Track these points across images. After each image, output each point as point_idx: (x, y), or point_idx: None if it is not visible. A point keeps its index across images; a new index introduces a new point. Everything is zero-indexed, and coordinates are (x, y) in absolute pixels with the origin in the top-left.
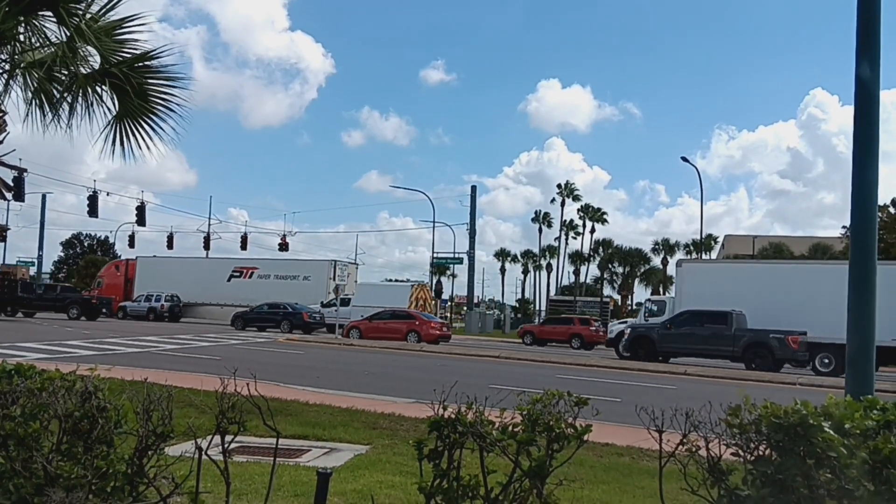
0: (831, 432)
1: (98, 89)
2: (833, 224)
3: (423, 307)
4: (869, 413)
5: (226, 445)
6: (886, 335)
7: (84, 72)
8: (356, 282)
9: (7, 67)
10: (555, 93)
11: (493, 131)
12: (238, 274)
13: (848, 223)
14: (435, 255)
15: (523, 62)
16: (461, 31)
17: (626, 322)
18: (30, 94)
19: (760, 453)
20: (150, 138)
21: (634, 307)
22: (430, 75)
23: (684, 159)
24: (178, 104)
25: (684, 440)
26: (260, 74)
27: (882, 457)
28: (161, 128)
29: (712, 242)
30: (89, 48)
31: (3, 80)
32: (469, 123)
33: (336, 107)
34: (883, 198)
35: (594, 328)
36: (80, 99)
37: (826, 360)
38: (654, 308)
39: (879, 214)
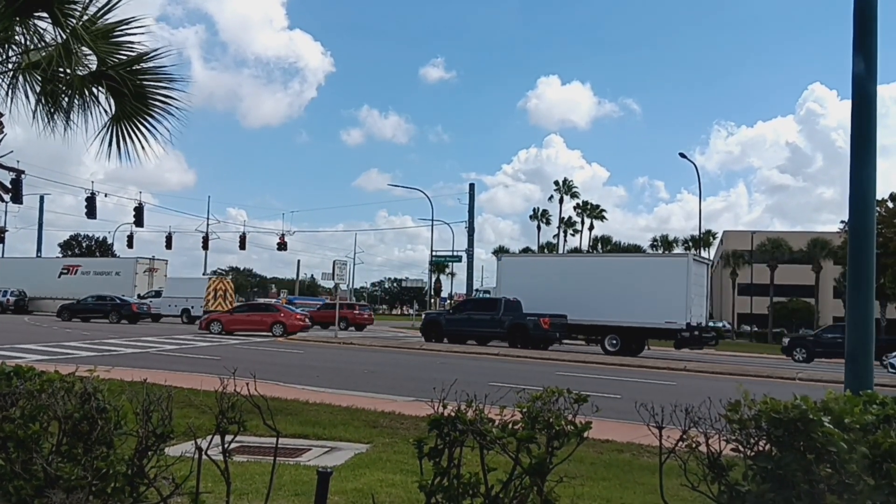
0: (831, 427)
1: (95, 91)
2: (832, 219)
3: (223, 297)
4: (868, 408)
5: (226, 445)
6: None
7: (81, 73)
8: (165, 276)
9: (4, 69)
10: (554, 89)
11: (492, 129)
12: (66, 271)
13: (846, 218)
14: (434, 253)
15: (523, 59)
16: (461, 29)
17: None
18: (28, 97)
19: (760, 449)
20: (147, 140)
21: None
22: (430, 73)
23: (682, 155)
24: (175, 105)
25: (684, 436)
26: (259, 73)
27: (882, 451)
28: (157, 130)
29: (711, 238)
30: (85, 50)
31: (1, 82)
32: (469, 121)
33: (335, 105)
34: (881, 192)
35: (358, 312)
36: (76, 101)
37: (614, 342)
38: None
39: (878, 209)
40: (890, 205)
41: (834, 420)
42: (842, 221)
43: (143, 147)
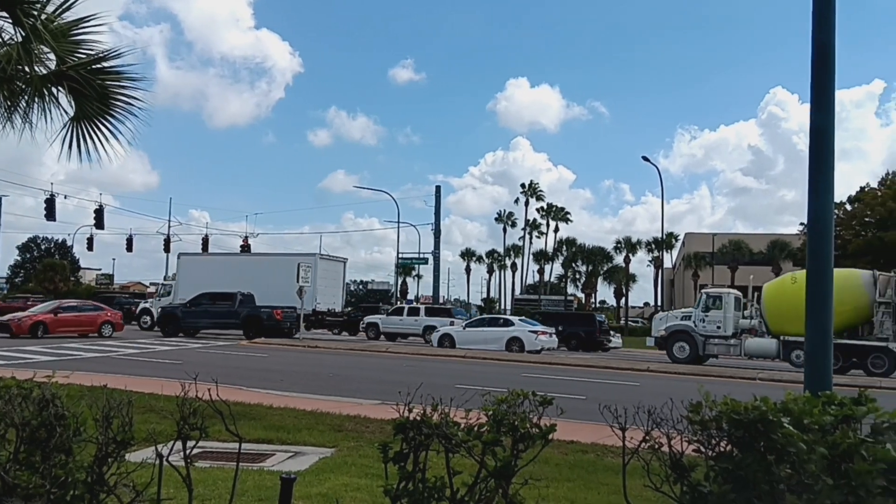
0: (791, 428)
1: (55, 91)
2: (793, 221)
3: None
4: (827, 408)
5: (188, 451)
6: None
7: (41, 73)
8: None
9: None
10: (523, 91)
11: (462, 131)
12: None
13: (806, 220)
14: (400, 255)
15: (492, 61)
16: (431, 30)
17: (148, 302)
18: None
19: (722, 449)
20: (109, 140)
21: (598, 305)
22: (400, 74)
23: (645, 158)
24: (138, 105)
25: (647, 437)
26: (225, 73)
27: (840, 451)
28: (119, 130)
29: (673, 240)
30: (45, 49)
31: None
32: (438, 123)
33: (303, 106)
34: (840, 195)
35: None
36: (36, 101)
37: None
38: (165, 291)
39: (836, 211)
40: (848, 207)
41: (793, 421)
42: (801, 223)
43: (104, 148)
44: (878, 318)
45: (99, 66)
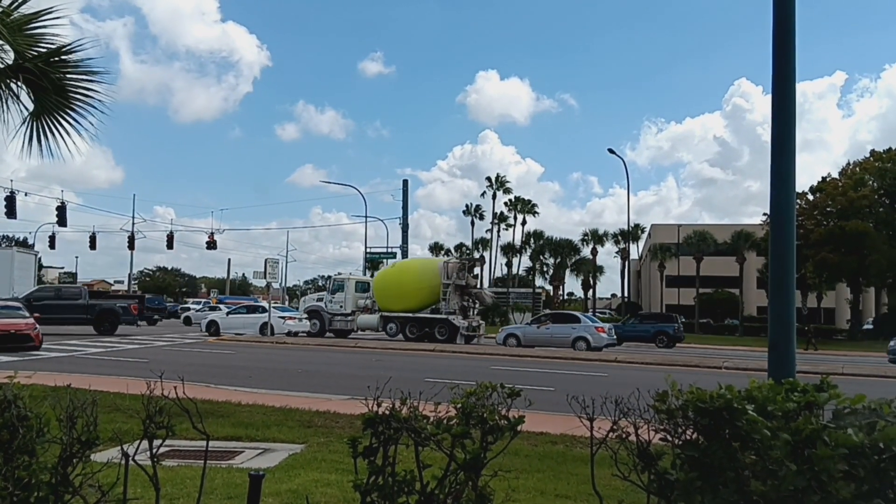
0: (755, 415)
1: (13, 85)
2: (758, 211)
3: None
4: (790, 395)
5: (154, 450)
6: None
7: None
8: None
9: None
10: (493, 84)
11: (431, 124)
12: None
13: (769, 210)
14: (368, 250)
15: (463, 53)
16: (400, 22)
17: None
18: None
19: (688, 437)
20: (70, 136)
21: (566, 297)
22: (369, 67)
23: (611, 151)
24: (99, 99)
25: (614, 427)
26: (191, 67)
27: (803, 437)
28: (80, 125)
29: (639, 232)
30: (2, 42)
31: None
32: (408, 116)
33: (270, 100)
34: (802, 185)
35: None
36: None
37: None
38: None
39: (798, 201)
40: (810, 197)
41: (757, 408)
42: (764, 214)
43: (65, 143)
44: (446, 297)
45: (57, 59)
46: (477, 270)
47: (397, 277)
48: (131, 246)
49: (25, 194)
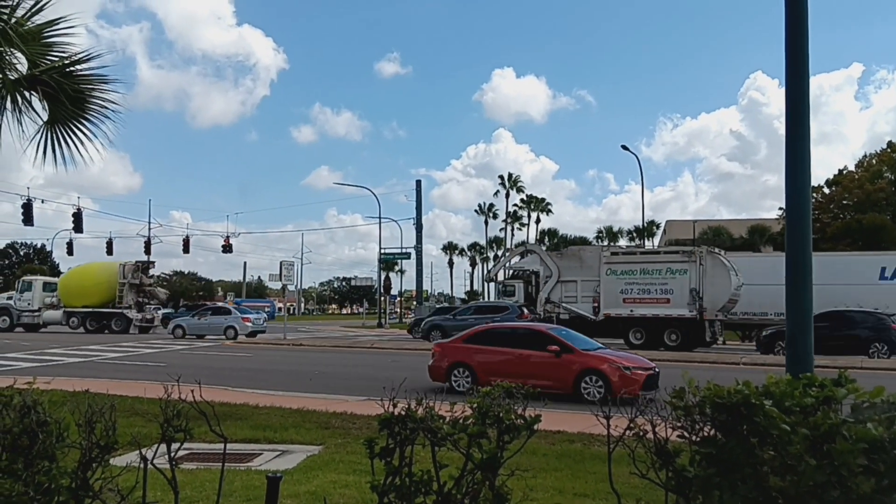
0: (773, 410)
1: (28, 95)
2: (775, 205)
3: None
4: (808, 390)
5: (172, 454)
6: None
7: (12, 77)
8: None
9: None
10: (509, 82)
11: (448, 123)
12: None
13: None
14: (382, 250)
15: (479, 51)
16: (417, 22)
17: None
18: None
19: (706, 434)
20: (85, 144)
21: None
22: (386, 68)
23: (625, 147)
24: (114, 108)
25: (632, 425)
26: (208, 71)
27: (822, 432)
28: (94, 133)
29: (654, 228)
30: (15, 52)
31: None
32: (424, 116)
33: (287, 102)
34: (818, 178)
35: None
36: (10, 105)
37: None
38: None
39: (814, 195)
40: (826, 190)
41: (775, 403)
42: (780, 208)
43: (80, 151)
44: (122, 294)
45: (72, 68)
46: (152, 271)
47: (79, 278)
48: (147, 251)
49: (42, 201)
